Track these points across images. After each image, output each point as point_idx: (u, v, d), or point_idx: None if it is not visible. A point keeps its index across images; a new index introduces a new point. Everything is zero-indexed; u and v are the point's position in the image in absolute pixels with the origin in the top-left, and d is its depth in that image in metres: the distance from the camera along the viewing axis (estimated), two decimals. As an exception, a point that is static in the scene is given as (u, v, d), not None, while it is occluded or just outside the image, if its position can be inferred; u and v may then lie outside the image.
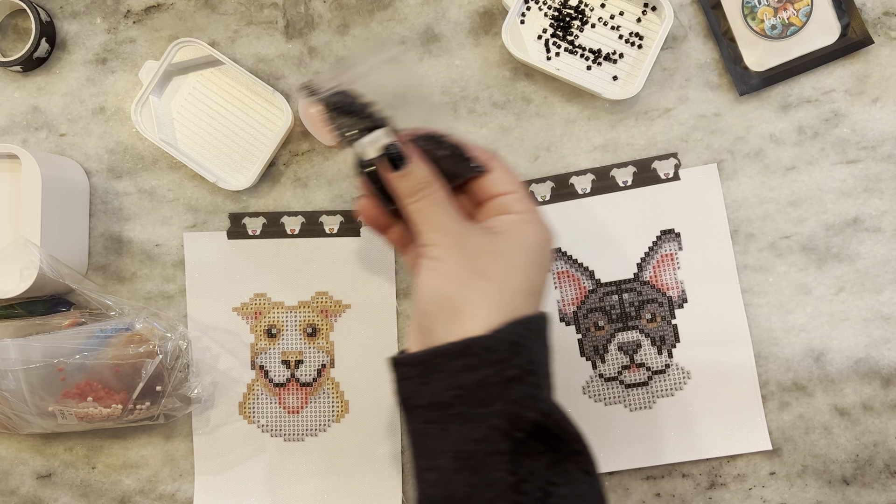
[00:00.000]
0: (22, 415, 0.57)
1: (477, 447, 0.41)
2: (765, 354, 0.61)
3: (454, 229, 0.45)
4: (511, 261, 0.44)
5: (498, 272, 0.44)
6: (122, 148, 0.65)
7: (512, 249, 0.45)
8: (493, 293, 0.43)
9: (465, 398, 0.41)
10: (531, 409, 0.41)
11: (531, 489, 0.40)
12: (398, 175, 0.46)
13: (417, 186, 0.46)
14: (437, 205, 0.45)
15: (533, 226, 0.46)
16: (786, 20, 0.61)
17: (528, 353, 0.42)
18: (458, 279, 0.44)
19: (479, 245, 0.45)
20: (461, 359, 0.42)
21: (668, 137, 0.62)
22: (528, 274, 0.45)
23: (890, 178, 0.61)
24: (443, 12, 0.64)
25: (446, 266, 0.44)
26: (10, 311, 0.61)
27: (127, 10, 0.65)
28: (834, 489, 0.60)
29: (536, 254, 0.45)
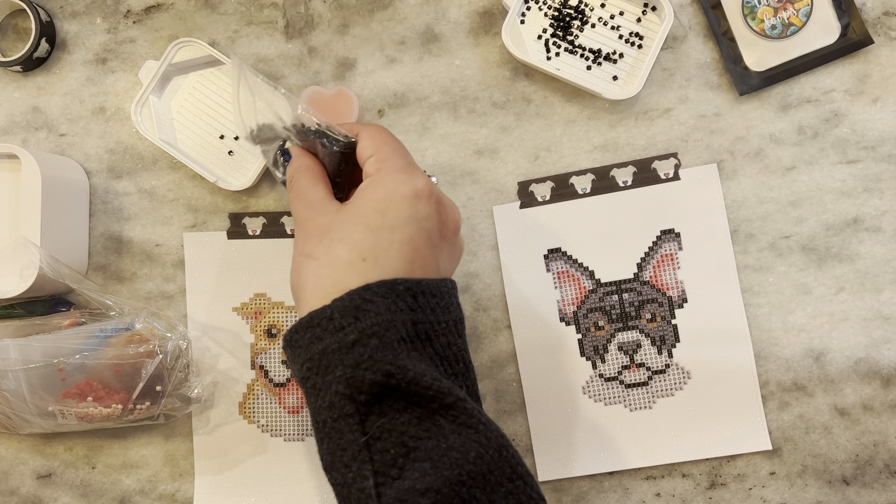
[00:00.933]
0: (22, 415, 0.57)
1: (327, 414, 0.42)
2: (765, 354, 0.61)
3: (304, 216, 0.47)
4: (338, 234, 0.45)
5: (322, 249, 0.45)
6: (122, 148, 0.65)
7: (345, 220, 0.45)
8: (317, 270, 0.44)
9: (314, 369, 0.43)
10: (371, 371, 0.41)
11: (386, 446, 0.41)
12: (287, 171, 0.50)
13: (290, 177, 0.49)
14: (298, 194, 0.48)
15: (374, 186, 0.46)
16: (786, 20, 0.61)
17: (372, 317, 0.42)
18: (295, 266, 0.46)
19: (319, 227, 0.46)
20: (308, 331, 0.43)
21: (668, 137, 0.62)
22: (358, 241, 0.44)
23: (890, 178, 0.61)
24: (443, 12, 0.64)
25: (293, 257, 0.47)
26: (10, 311, 0.61)
27: (127, 10, 0.65)
28: (834, 489, 0.60)
29: (372, 215, 0.45)
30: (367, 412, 0.41)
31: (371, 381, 0.41)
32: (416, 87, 0.64)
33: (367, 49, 0.64)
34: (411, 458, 0.40)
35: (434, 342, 0.44)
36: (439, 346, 0.45)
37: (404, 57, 0.64)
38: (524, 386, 0.61)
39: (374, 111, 0.64)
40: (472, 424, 0.42)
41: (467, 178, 0.63)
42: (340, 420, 0.42)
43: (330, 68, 0.64)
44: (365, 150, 0.47)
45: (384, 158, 0.46)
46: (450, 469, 0.40)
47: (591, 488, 0.61)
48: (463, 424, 0.42)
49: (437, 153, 0.63)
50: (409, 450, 0.41)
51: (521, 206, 0.63)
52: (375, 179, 0.46)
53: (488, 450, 0.42)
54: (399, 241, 0.44)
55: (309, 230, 0.46)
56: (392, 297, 0.43)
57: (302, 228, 0.47)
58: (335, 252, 0.44)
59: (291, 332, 0.45)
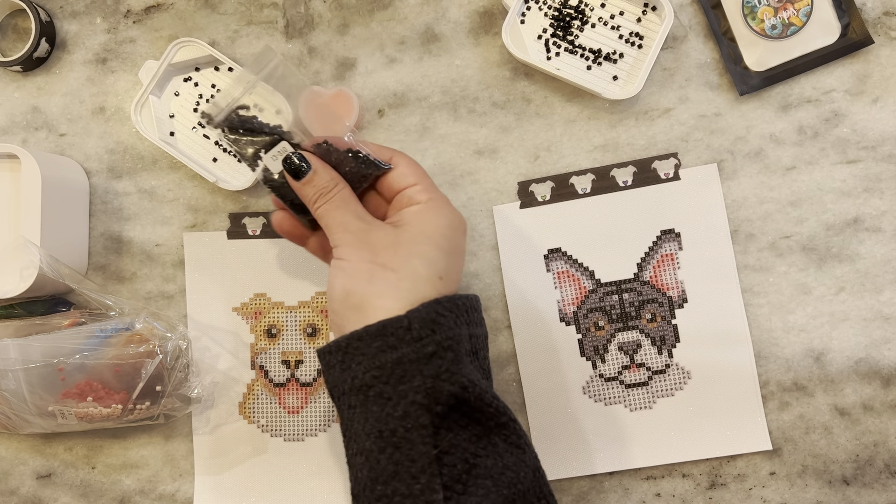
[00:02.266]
0: (22, 415, 0.57)
1: (398, 424, 0.42)
2: (765, 354, 0.61)
3: (357, 227, 0.47)
4: (414, 249, 0.46)
5: (400, 262, 0.45)
6: (122, 148, 0.65)
7: (415, 238, 0.46)
8: (397, 282, 0.45)
9: (384, 378, 0.43)
10: (450, 383, 0.42)
11: (454, 461, 0.41)
12: (302, 183, 0.48)
13: (321, 191, 0.47)
14: (341, 205, 0.47)
15: (434, 213, 0.48)
16: (786, 20, 0.61)
17: (446, 330, 0.44)
18: (362, 275, 0.45)
19: (383, 239, 0.46)
20: (379, 339, 0.43)
21: (668, 137, 0.62)
22: (434, 259, 0.46)
23: (890, 178, 0.61)
24: (443, 12, 0.64)
25: (351, 264, 0.46)
26: (10, 311, 0.61)
27: (127, 10, 0.65)
28: (834, 489, 0.60)
29: (441, 239, 0.47)
30: (440, 425, 0.42)
31: (449, 392, 0.42)
32: (416, 87, 0.64)
33: (367, 49, 0.64)
34: (473, 474, 0.42)
35: (479, 355, 0.47)
36: (482, 359, 0.47)
37: (404, 57, 0.64)
38: (524, 386, 0.61)
39: (374, 111, 0.64)
40: (521, 445, 0.44)
41: (467, 178, 0.63)
42: (413, 430, 0.42)
43: (330, 68, 0.64)
44: (406, 177, 0.49)
45: (431, 188, 0.49)
46: (507, 488, 0.42)
47: (591, 488, 0.61)
48: (514, 444, 0.44)
49: (437, 153, 0.63)
50: (472, 466, 0.42)
51: (521, 206, 0.63)
52: (433, 207, 0.48)
53: (531, 470, 0.44)
54: (459, 266, 0.48)
55: (372, 241, 0.46)
56: (457, 311, 0.45)
57: (357, 238, 0.47)
58: (414, 266, 0.45)
59: (351, 339, 0.44)
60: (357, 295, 0.45)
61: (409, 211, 0.48)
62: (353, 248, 0.46)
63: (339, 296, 0.45)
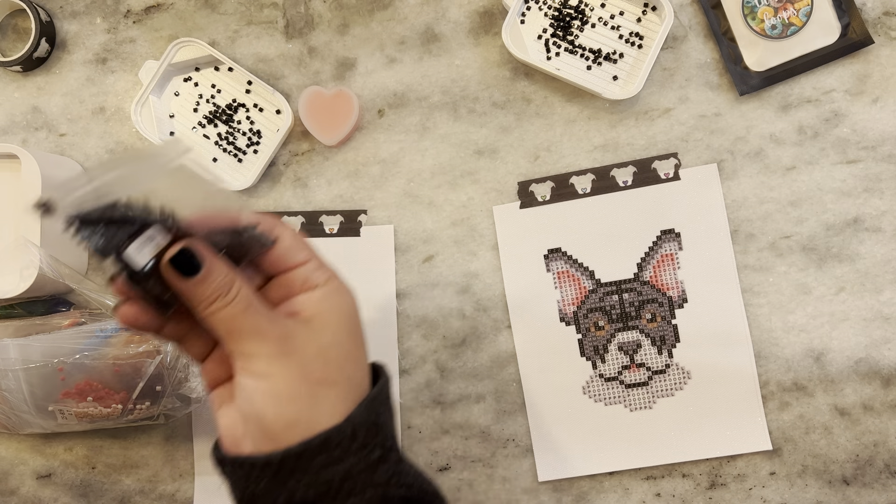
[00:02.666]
0: (22, 414, 0.57)
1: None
2: (765, 354, 0.60)
3: (273, 333, 0.39)
4: (342, 352, 0.40)
5: (335, 372, 0.40)
6: (122, 148, 0.65)
7: (336, 336, 0.41)
8: (342, 396, 0.40)
9: (332, 493, 0.38)
10: (398, 486, 0.40)
11: None
12: (194, 283, 0.38)
13: (218, 292, 0.38)
14: (248, 309, 0.39)
15: (339, 296, 0.42)
16: (786, 20, 0.61)
17: (386, 429, 0.40)
18: (303, 399, 0.39)
19: (306, 344, 0.40)
20: (322, 454, 0.38)
21: (668, 137, 0.62)
22: (360, 355, 0.42)
23: (890, 178, 0.61)
24: (443, 12, 0.64)
25: (280, 384, 0.39)
26: (10, 311, 0.61)
27: (127, 10, 0.65)
28: (834, 489, 0.60)
29: (355, 326, 0.42)
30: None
31: (401, 496, 0.40)
32: (416, 87, 0.64)
33: (367, 49, 0.64)
34: None
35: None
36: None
37: (404, 57, 0.64)
38: (524, 386, 0.61)
39: (374, 111, 0.64)
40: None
41: (467, 178, 0.63)
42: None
43: (330, 68, 0.64)
44: (295, 253, 0.41)
45: (322, 263, 0.42)
46: None
47: (591, 488, 0.61)
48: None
49: (437, 153, 0.63)
50: None
51: (521, 206, 0.63)
52: (335, 289, 0.42)
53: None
54: (364, 338, 0.43)
55: (296, 349, 0.39)
56: (387, 402, 0.42)
57: (279, 348, 0.39)
58: (350, 373, 0.41)
59: (287, 457, 0.38)
60: (300, 419, 0.39)
61: (312, 299, 0.41)
62: (280, 364, 0.39)
63: (277, 425, 0.38)
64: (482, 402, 0.62)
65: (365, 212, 0.63)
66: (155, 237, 0.38)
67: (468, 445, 0.62)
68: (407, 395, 0.62)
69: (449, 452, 0.62)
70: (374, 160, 0.64)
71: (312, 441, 0.38)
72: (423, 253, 0.63)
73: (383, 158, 0.63)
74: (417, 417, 0.62)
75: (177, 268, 0.38)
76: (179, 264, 0.38)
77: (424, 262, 0.63)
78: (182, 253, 0.38)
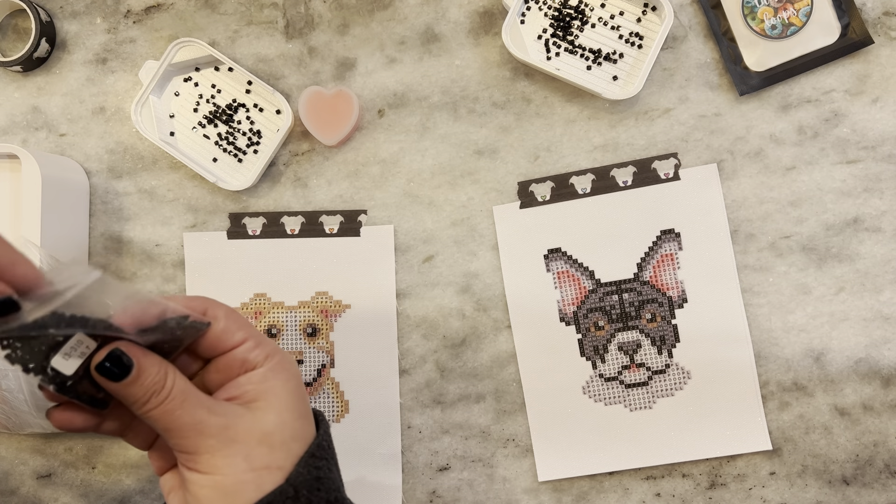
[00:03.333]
0: (22, 414, 0.57)
1: None
2: (765, 354, 0.61)
3: (216, 425, 0.38)
4: (286, 434, 0.40)
5: (281, 457, 0.39)
6: (122, 148, 0.65)
7: (279, 418, 0.40)
8: (280, 471, 0.39)
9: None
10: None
11: None
12: (125, 385, 0.37)
13: (152, 390, 0.38)
14: (184, 403, 0.38)
15: (281, 374, 0.41)
16: (786, 20, 0.61)
17: (328, 482, 0.40)
18: (245, 484, 0.38)
19: (248, 431, 0.39)
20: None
21: (668, 137, 0.62)
22: (304, 431, 0.41)
23: (890, 178, 0.61)
24: (443, 12, 0.64)
25: (225, 479, 0.38)
26: (10, 311, 0.61)
27: (127, 10, 0.65)
28: (834, 489, 0.60)
29: (299, 402, 0.41)
30: None
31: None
32: (416, 87, 0.64)
33: (367, 49, 0.64)
34: None
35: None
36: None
37: (404, 57, 0.64)
38: (524, 386, 0.61)
39: (374, 111, 0.64)
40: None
41: (467, 178, 0.63)
42: None
43: (330, 68, 0.64)
44: (231, 333, 0.41)
45: (260, 340, 0.42)
46: None
47: (591, 488, 0.61)
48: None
49: (437, 153, 0.63)
50: None
51: (521, 206, 0.63)
52: (276, 368, 0.41)
53: None
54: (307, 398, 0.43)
55: (239, 439, 0.39)
56: (328, 453, 0.42)
57: (221, 441, 0.38)
58: (294, 451, 0.40)
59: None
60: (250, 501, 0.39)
61: (252, 380, 0.40)
62: (222, 457, 0.38)
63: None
64: (482, 402, 0.62)
65: (365, 212, 0.63)
66: (81, 343, 0.36)
67: (468, 445, 0.62)
68: (407, 395, 0.62)
69: (449, 452, 0.62)
70: (374, 160, 0.64)
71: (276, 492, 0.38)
72: (423, 253, 0.63)
73: (383, 158, 0.64)
74: (417, 417, 0.62)
75: (106, 373, 0.37)
76: (108, 369, 0.37)
77: (424, 262, 0.63)
78: (111, 356, 0.37)
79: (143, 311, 0.37)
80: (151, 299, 0.38)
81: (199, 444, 0.38)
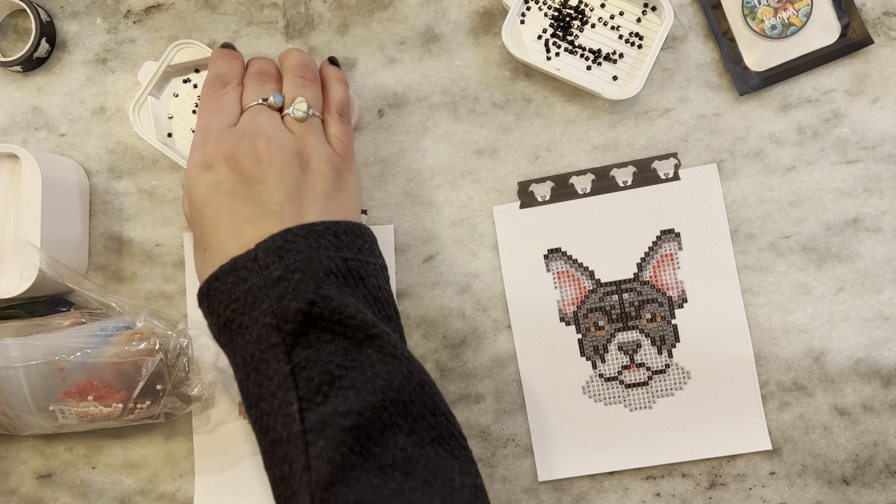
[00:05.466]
0: (23, 414, 0.57)
1: (255, 348, 0.44)
2: (765, 354, 0.61)
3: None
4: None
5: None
6: (122, 148, 0.65)
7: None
8: (240, 224, 0.49)
9: (241, 309, 0.45)
10: (296, 301, 0.43)
11: (311, 375, 0.42)
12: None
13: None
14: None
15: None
16: (786, 20, 0.61)
17: (295, 255, 0.45)
18: (217, 219, 0.49)
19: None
20: (232, 274, 0.46)
21: (668, 137, 0.62)
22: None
23: (890, 178, 0.61)
24: (443, 12, 0.64)
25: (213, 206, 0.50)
26: (10, 311, 0.61)
27: (127, 10, 0.65)
28: (834, 489, 0.60)
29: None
30: (294, 343, 0.43)
31: (296, 309, 0.43)
32: (416, 87, 0.64)
33: (367, 49, 0.64)
34: (336, 385, 0.42)
35: (367, 281, 0.47)
36: (372, 287, 0.47)
37: (404, 57, 0.64)
38: (524, 386, 0.61)
39: (374, 111, 0.64)
40: (397, 355, 0.44)
41: (467, 178, 0.63)
42: (267, 351, 0.43)
43: (330, 68, 0.64)
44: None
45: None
46: (373, 394, 0.42)
47: (591, 488, 0.61)
48: (388, 354, 0.44)
49: (437, 153, 0.63)
50: (335, 378, 0.42)
51: (521, 206, 0.63)
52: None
53: (410, 381, 0.44)
54: (310, 187, 0.51)
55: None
56: (313, 236, 0.46)
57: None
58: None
59: (210, 281, 0.47)
60: (211, 244, 0.49)
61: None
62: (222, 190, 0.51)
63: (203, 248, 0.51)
64: (482, 402, 0.62)
65: (365, 212, 0.63)
66: None
67: (468, 445, 0.62)
68: (407, 395, 0.62)
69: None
70: (374, 160, 0.64)
71: (225, 265, 0.46)
72: (423, 253, 0.63)
73: (383, 158, 0.64)
74: (417, 417, 0.62)
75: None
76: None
77: (424, 262, 0.63)
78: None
79: None
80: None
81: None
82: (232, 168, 0.50)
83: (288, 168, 0.49)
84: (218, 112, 0.53)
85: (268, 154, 0.50)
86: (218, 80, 0.55)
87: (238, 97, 0.54)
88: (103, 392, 0.57)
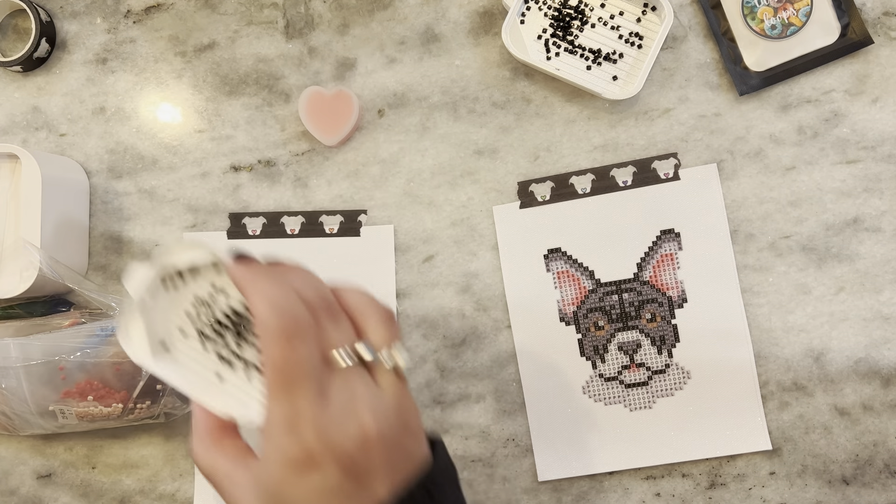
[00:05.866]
0: (23, 414, 0.57)
1: None
2: (765, 354, 0.61)
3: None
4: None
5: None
6: (122, 148, 0.65)
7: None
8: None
9: None
10: None
11: None
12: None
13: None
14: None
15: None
16: (786, 20, 0.61)
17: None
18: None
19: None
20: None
21: (668, 137, 0.62)
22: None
23: (890, 178, 0.61)
24: (443, 12, 0.64)
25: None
26: (10, 311, 0.61)
27: (127, 10, 0.65)
28: (834, 489, 0.60)
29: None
30: None
31: None
32: (416, 87, 0.64)
33: (367, 49, 0.64)
34: None
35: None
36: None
37: (404, 57, 0.64)
38: (524, 386, 0.61)
39: (374, 111, 0.64)
40: None
41: (467, 178, 0.63)
42: None
43: (330, 68, 0.64)
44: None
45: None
46: None
47: (591, 488, 0.61)
48: None
49: (437, 153, 0.63)
50: None
51: (521, 206, 0.63)
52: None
53: None
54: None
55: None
56: (442, 477, 0.40)
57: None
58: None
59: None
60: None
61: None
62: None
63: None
64: (482, 402, 0.62)
65: (365, 212, 0.63)
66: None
67: (468, 445, 0.62)
68: (407, 395, 0.62)
69: (449, 452, 0.62)
70: (374, 160, 0.64)
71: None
72: (423, 253, 0.63)
73: (383, 158, 0.64)
74: (417, 417, 0.62)
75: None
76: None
77: (424, 262, 0.63)
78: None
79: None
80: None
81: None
82: (340, 465, 0.36)
83: (394, 448, 0.38)
84: (306, 379, 0.36)
85: (377, 435, 0.37)
86: (289, 329, 0.36)
87: (319, 348, 0.37)
88: (103, 392, 0.57)
